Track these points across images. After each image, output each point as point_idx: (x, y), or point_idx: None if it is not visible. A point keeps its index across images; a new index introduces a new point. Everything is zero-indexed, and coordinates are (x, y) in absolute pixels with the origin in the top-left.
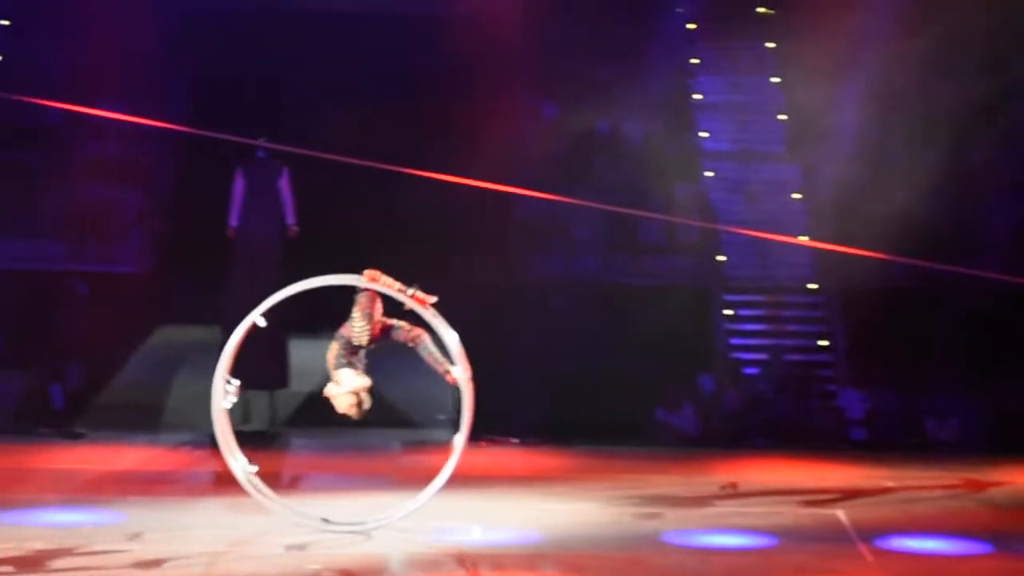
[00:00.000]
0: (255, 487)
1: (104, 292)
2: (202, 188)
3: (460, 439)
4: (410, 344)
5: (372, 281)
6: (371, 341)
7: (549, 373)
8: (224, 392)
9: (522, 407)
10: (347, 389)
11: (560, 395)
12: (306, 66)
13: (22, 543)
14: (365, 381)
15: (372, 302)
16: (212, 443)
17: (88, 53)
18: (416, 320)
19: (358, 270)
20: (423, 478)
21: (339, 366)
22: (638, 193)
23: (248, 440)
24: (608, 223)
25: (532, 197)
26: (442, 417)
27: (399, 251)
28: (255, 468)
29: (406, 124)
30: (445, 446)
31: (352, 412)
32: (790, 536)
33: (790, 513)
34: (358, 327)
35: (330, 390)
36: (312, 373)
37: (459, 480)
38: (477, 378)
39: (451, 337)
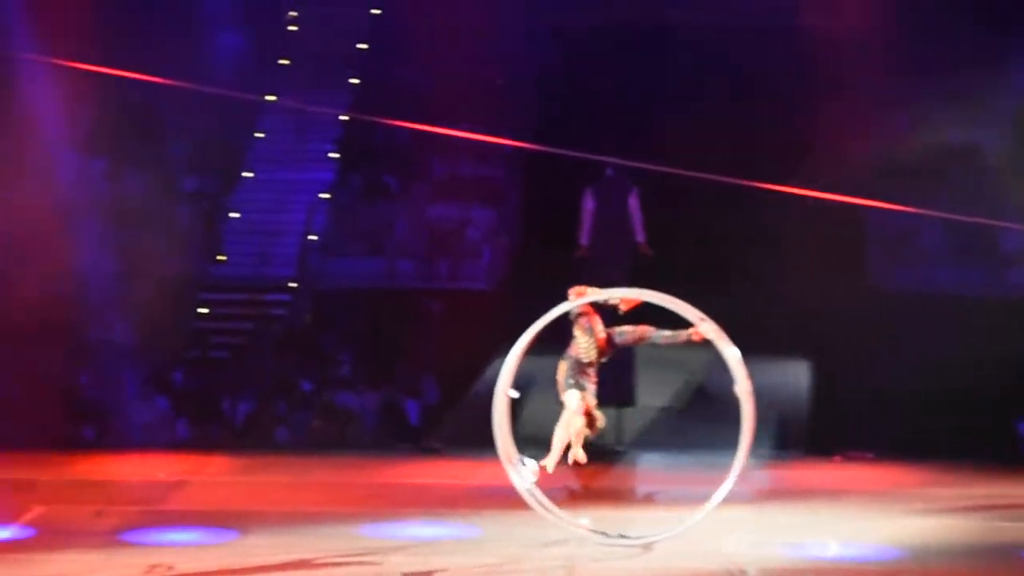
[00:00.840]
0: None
1: (456, 309)
2: (551, 205)
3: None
4: (642, 343)
5: (580, 296)
6: (600, 354)
7: (903, 386)
8: (518, 467)
9: (877, 421)
10: (572, 410)
11: (915, 408)
12: (654, 82)
13: (383, 556)
14: (591, 400)
15: (589, 317)
16: (563, 459)
17: (439, 74)
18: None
19: (707, 287)
20: (776, 492)
21: (568, 387)
22: (996, 203)
23: (596, 456)
24: (963, 234)
25: (885, 209)
26: (795, 431)
27: (749, 267)
28: (586, 522)
29: (757, 139)
30: (788, 464)
31: (586, 432)
32: None
33: None
34: (583, 344)
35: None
36: (659, 390)
37: (814, 495)
38: (833, 392)
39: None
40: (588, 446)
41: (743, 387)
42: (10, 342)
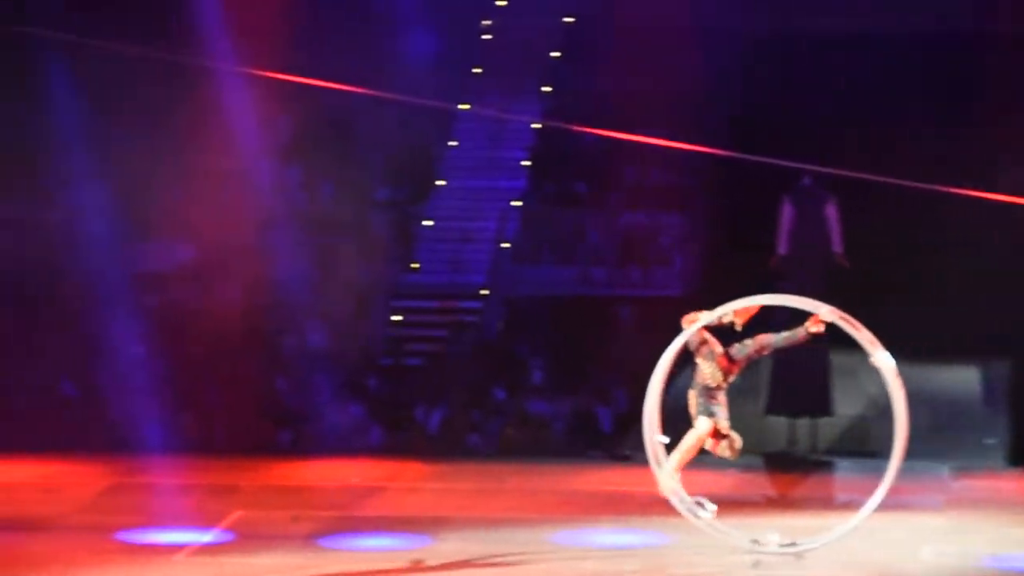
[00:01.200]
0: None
1: (648, 316)
2: (741, 212)
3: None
4: (764, 353)
5: (693, 323)
6: (726, 375)
7: None
8: (696, 511)
9: None
10: (700, 435)
11: None
12: (847, 88)
13: (574, 563)
14: (722, 424)
15: (705, 343)
16: (763, 467)
17: (631, 82)
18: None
19: (906, 297)
20: (971, 503)
21: (699, 413)
22: None
23: (791, 464)
24: None
25: None
26: (991, 442)
27: (946, 275)
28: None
29: (955, 145)
30: (996, 472)
31: (726, 454)
32: None
33: None
34: (707, 369)
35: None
36: (855, 399)
37: (1013, 506)
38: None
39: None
40: (784, 456)
41: (882, 359)
42: (213, 349)
